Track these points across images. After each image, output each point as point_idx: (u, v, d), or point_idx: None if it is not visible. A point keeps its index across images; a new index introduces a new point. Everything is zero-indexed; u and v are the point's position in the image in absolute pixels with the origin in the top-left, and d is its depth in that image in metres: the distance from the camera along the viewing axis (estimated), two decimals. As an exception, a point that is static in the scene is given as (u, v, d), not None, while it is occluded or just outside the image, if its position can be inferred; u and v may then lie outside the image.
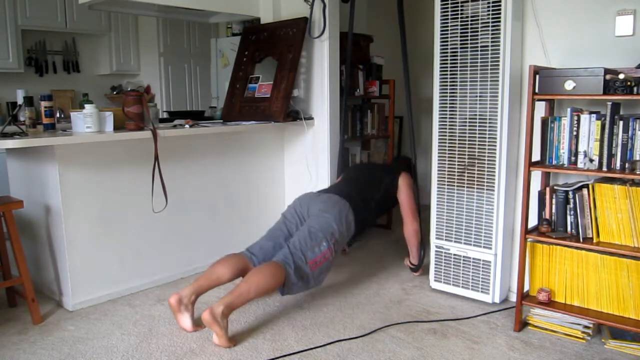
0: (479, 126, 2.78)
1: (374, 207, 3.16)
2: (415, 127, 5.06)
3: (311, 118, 3.81)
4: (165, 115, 4.77)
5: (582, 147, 2.39)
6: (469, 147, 2.84)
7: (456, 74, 2.83)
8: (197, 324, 2.62)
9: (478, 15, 2.70)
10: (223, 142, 3.58)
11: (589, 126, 2.36)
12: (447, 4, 2.79)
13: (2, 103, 4.84)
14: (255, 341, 2.53)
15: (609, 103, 2.29)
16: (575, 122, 2.40)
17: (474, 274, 2.92)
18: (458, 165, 2.89)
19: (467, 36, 2.75)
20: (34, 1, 4.79)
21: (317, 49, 3.72)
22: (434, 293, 3.10)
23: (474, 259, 2.90)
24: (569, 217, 2.49)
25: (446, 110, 2.90)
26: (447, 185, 2.95)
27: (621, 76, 2.21)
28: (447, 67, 2.85)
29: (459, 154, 2.88)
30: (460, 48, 2.78)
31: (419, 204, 3.37)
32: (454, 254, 2.98)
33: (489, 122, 2.75)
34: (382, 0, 4.92)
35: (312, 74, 3.78)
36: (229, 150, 3.63)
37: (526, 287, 2.65)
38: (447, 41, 2.83)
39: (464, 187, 2.89)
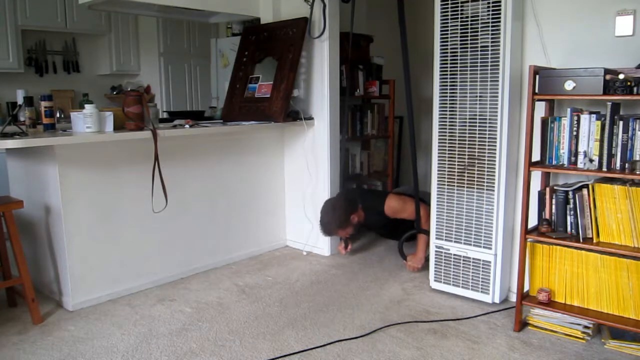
0: (479, 126, 2.78)
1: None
2: (415, 127, 5.07)
3: (311, 118, 3.81)
4: (165, 115, 4.77)
5: (582, 147, 2.39)
6: (469, 147, 2.84)
7: (456, 74, 2.83)
8: None
9: (478, 15, 2.70)
10: (223, 142, 3.58)
11: (589, 126, 2.36)
12: (447, 4, 2.79)
13: (2, 103, 4.84)
14: (255, 341, 2.53)
15: (609, 103, 2.29)
16: (575, 122, 2.40)
17: (474, 274, 2.92)
18: (458, 165, 2.89)
19: (467, 36, 2.75)
20: (34, 1, 4.79)
21: (317, 49, 3.72)
22: (434, 293, 3.10)
23: (474, 259, 2.90)
24: (568, 217, 2.48)
25: (446, 110, 2.90)
26: (447, 185, 2.95)
27: (621, 76, 2.21)
28: (447, 67, 2.85)
29: (459, 154, 2.88)
30: (460, 48, 2.78)
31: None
32: (454, 254, 2.98)
33: (489, 122, 2.74)
34: (382, 0, 4.92)
35: (312, 74, 3.78)
36: (229, 150, 3.63)
37: (526, 287, 2.65)
38: (447, 41, 2.83)
39: (464, 187, 2.89)
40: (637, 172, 2.22)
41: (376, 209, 3.47)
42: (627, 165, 2.25)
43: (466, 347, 2.46)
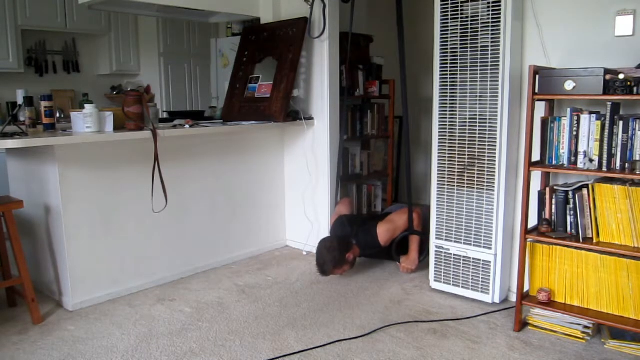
0: (479, 126, 2.78)
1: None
2: (414, 128, 5.07)
3: (311, 118, 3.81)
4: (165, 115, 4.78)
5: (582, 147, 2.39)
6: (469, 147, 2.84)
7: (456, 74, 2.83)
8: None
9: (478, 15, 2.70)
10: (223, 143, 3.59)
11: (589, 126, 2.36)
12: (447, 4, 2.79)
13: (2, 103, 4.84)
14: (255, 341, 2.53)
15: (609, 103, 2.29)
16: (575, 122, 2.40)
17: (474, 274, 2.92)
18: (458, 165, 2.89)
19: (467, 36, 2.75)
20: (34, 1, 4.79)
21: (317, 49, 3.72)
22: (434, 293, 3.10)
23: (474, 259, 2.90)
24: (569, 217, 2.48)
25: (446, 110, 2.90)
26: (447, 185, 2.95)
27: (621, 76, 2.21)
28: (447, 67, 2.85)
29: (459, 154, 2.88)
30: (460, 48, 2.78)
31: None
32: (454, 254, 2.98)
33: (489, 122, 2.75)
34: (382, 0, 4.92)
35: (312, 74, 3.78)
36: (229, 150, 3.63)
37: (526, 287, 2.65)
38: (447, 41, 2.83)
39: (464, 187, 2.89)
40: (637, 172, 2.22)
41: (370, 244, 3.41)
42: (627, 165, 2.25)
43: (466, 347, 2.46)
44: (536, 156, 2.58)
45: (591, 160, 2.35)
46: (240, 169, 3.71)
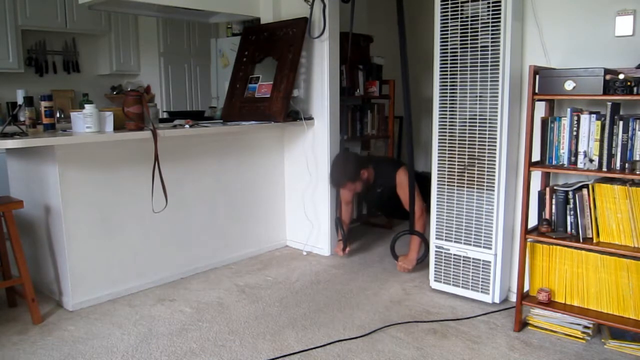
0: (479, 126, 2.78)
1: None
2: (414, 128, 5.07)
3: (311, 118, 3.81)
4: (165, 115, 4.78)
5: (582, 147, 2.39)
6: (469, 147, 2.84)
7: (456, 74, 2.83)
8: None
9: (478, 15, 2.70)
10: (223, 143, 3.59)
11: (589, 126, 2.36)
12: (447, 4, 2.79)
13: (2, 103, 4.84)
14: (255, 341, 2.53)
15: (609, 103, 2.29)
16: (575, 122, 2.40)
17: (474, 274, 2.92)
18: (458, 165, 2.89)
19: (467, 36, 2.75)
20: (34, 1, 4.79)
21: (317, 49, 3.72)
22: (434, 293, 3.10)
23: (474, 259, 2.90)
24: (568, 217, 2.49)
25: (446, 110, 2.90)
26: (447, 185, 2.95)
27: (621, 76, 2.21)
28: (447, 67, 2.85)
29: (459, 154, 2.88)
30: (460, 48, 2.78)
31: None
32: (454, 254, 2.98)
33: (489, 122, 2.75)
34: (382, 0, 4.93)
35: (312, 74, 3.78)
36: (229, 150, 3.63)
37: (526, 287, 2.65)
38: (447, 41, 2.83)
39: (464, 187, 2.89)
40: (637, 172, 2.22)
41: (384, 174, 3.49)
42: (627, 165, 2.25)
43: (466, 347, 2.46)
44: (536, 156, 2.58)
45: (591, 160, 2.35)
46: (240, 169, 3.71)
